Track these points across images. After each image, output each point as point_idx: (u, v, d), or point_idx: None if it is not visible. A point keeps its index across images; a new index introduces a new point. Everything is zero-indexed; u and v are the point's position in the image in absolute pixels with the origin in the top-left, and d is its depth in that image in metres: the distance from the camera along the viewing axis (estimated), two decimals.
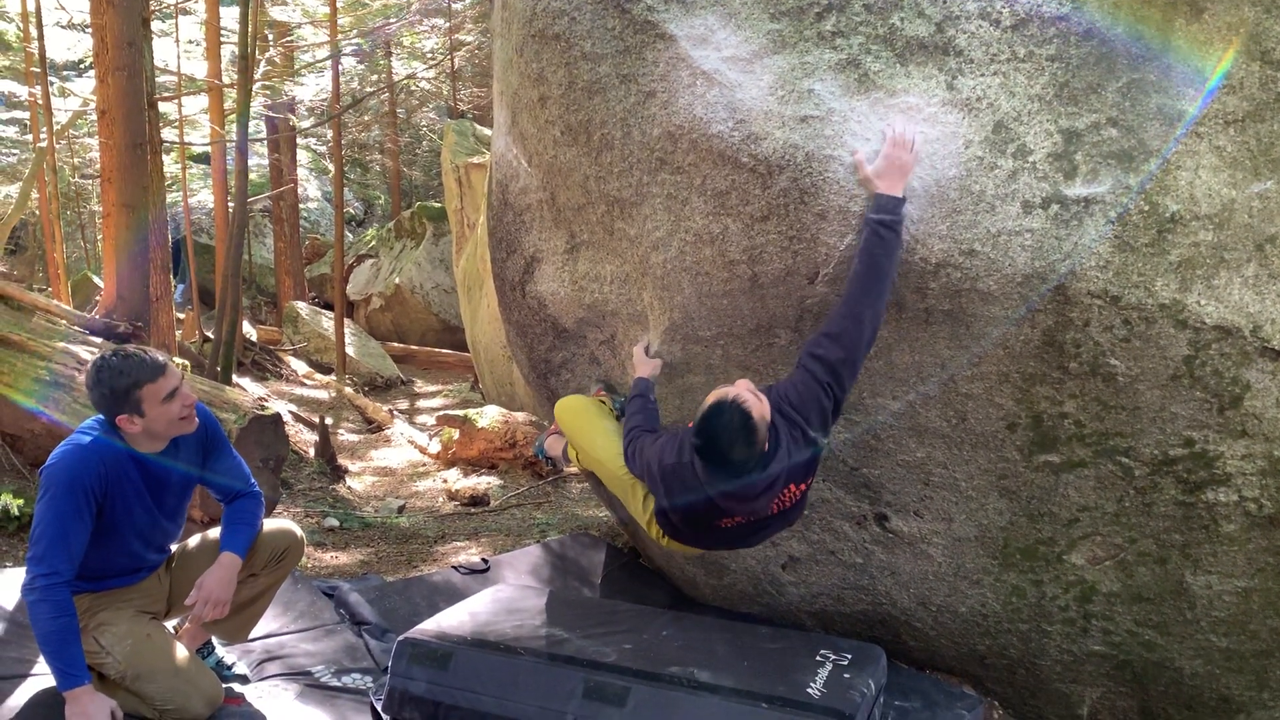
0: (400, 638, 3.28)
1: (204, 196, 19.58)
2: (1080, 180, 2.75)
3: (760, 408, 2.70)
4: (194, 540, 3.27)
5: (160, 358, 2.84)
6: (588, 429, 3.60)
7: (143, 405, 2.78)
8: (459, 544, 5.96)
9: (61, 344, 5.67)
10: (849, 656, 3.24)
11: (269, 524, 3.27)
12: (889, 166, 2.73)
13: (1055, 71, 2.73)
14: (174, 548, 3.25)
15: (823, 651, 3.26)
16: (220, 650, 3.42)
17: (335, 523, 6.31)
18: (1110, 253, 2.77)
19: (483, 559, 4.79)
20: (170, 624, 3.23)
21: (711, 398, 2.74)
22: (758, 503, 2.86)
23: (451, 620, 3.41)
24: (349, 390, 12.25)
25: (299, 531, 3.32)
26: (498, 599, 3.66)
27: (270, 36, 17.02)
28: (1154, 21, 2.70)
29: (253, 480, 3.23)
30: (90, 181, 18.60)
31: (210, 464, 3.12)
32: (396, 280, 17.04)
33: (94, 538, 2.84)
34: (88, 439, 2.83)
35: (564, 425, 3.73)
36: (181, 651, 2.97)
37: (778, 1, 2.83)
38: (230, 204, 11.60)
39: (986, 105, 2.75)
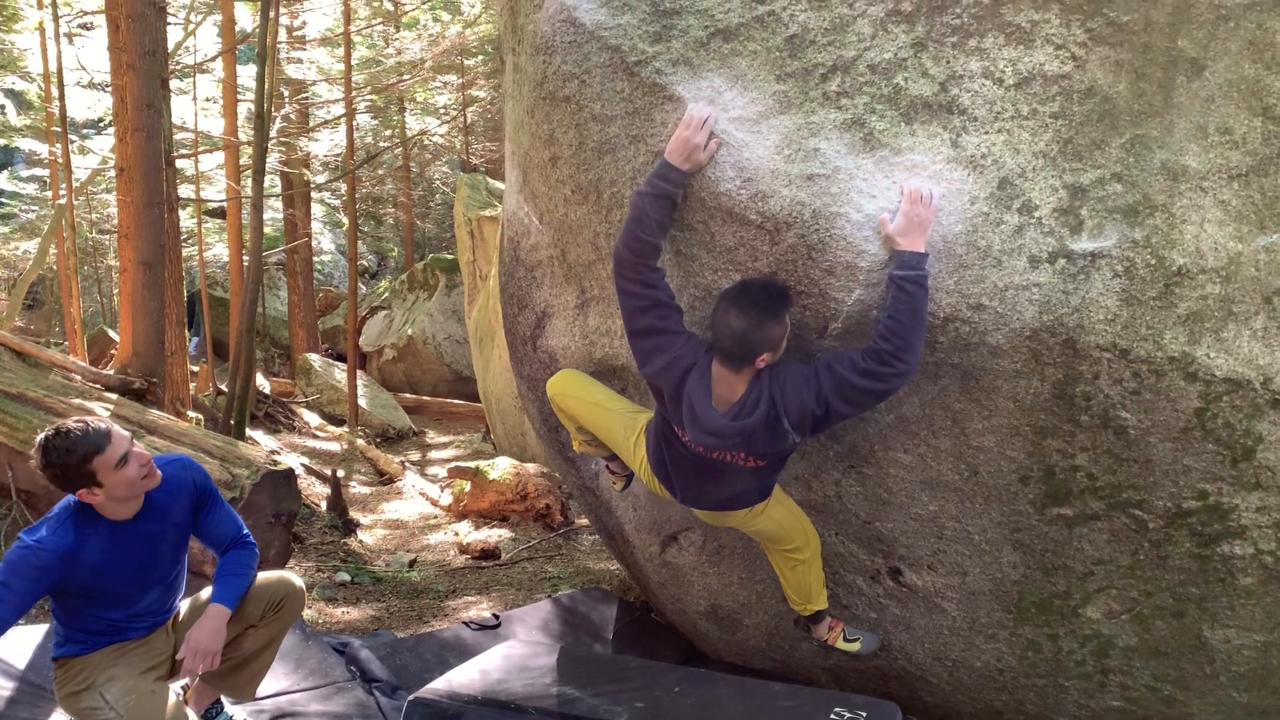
0: (410, 697, 3.25)
1: (219, 250, 19.81)
2: (1086, 235, 2.77)
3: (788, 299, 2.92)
4: (194, 599, 3.27)
5: (103, 425, 2.80)
6: (583, 393, 3.66)
7: (98, 476, 2.75)
8: (470, 599, 5.93)
9: (78, 400, 5.71)
10: (864, 714, 3.20)
11: (265, 574, 3.27)
12: (908, 223, 2.76)
13: (1059, 128, 2.77)
14: (182, 604, 3.25)
15: (837, 709, 3.22)
16: (230, 709, 3.40)
17: (346, 577, 6.29)
18: (1118, 306, 2.78)
19: (493, 614, 4.77)
20: (179, 684, 3.21)
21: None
22: (703, 421, 2.96)
23: (462, 679, 3.38)
24: (361, 442, 12.27)
25: (297, 581, 3.30)
26: (508, 656, 3.64)
27: (286, 94, 17.32)
28: (1155, 79, 2.73)
29: (245, 531, 3.22)
30: (108, 237, 18.85)
31: (201, 517, 3.12)
32: (409, 331, 17.15)
33: (89, 602, 2.90)
34: (40, 534, 2.81)
35: (562, 398, 3.70)
36: (181, 711, 2.96)
37: (783, 63, 2.89)
38: (245, 258, 11.73)
39: (991, 162, 2.79)
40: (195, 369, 14.01)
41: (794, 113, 2.88)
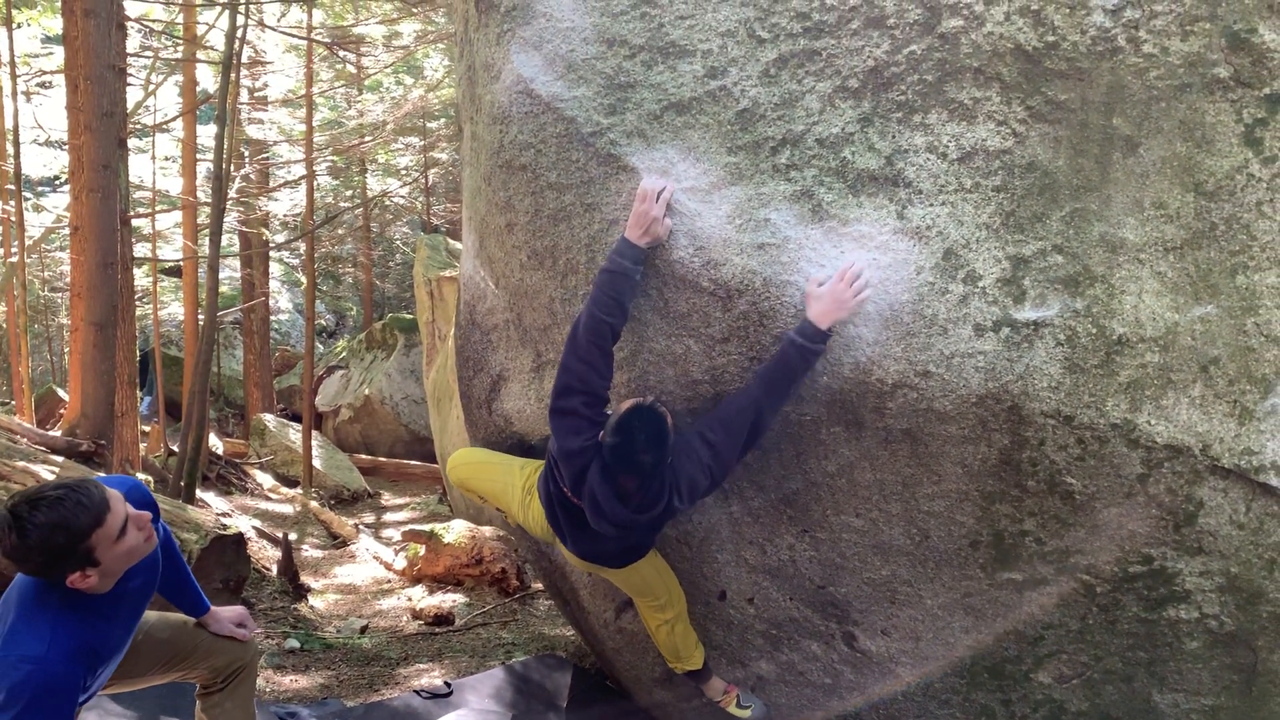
0: None
1: (174, 309, 19.60)
2: (1029, 304, 2.84)
3: (672, 420, 2.93)
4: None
5: (95, 491, 2.26)
6: (469, 459, 3.95)
7: (95, 553, 2.25)
8: (422, 666, 5.82)
9: (22, 463, 5.59)
10: None
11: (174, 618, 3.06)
12: (826, 294, 2.84)
13: (1001, 201, 2.85)
14: None
15: None
16: None
17: (296, 644, 6.15)
18: (1061, 374, 2.84)
19: (445, 682, 4.69)
20: None
21: (628, 403, 2.93)
22: (608, 514, 3.00)
23: None
24: (314, 504, 12.08)
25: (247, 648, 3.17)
26: None
27: (246, 153, 17.32)
28: (1092, 155, 2.83)
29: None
30: (60, 295, 18.60)
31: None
32: (366, 391, 17.00)
33: None
34: (41, 645, 2.20)
35: (453, 470, 3.93)
36: None
37: (734, 136, 2.96)
38: (201, 317, 11.62)
39: (936, 233, 2.86)
40: (147, 429, 13.78)
41: (745, 184, 2.95)
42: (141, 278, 16.72)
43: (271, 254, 20.50)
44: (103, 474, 6.19)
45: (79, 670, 2.26)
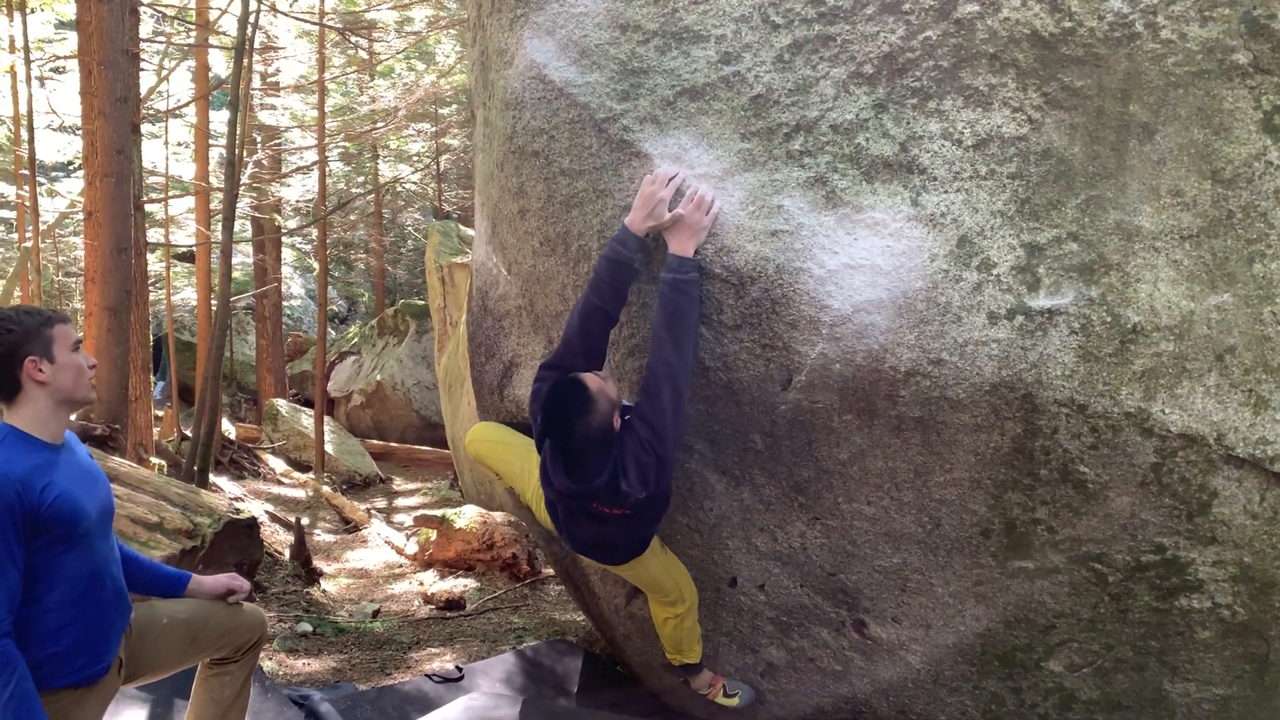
0: None
1: (187, 294, 19.68)
2: (1043, 292, 2.82)
3: (604, 386, 2.97)
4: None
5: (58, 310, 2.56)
6: (487, 435, 3.98)
7: (53, 347, 2.44)
8: (434, 650, 5.85)
9: None
10: None
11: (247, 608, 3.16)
12: (682, 226, 2.88)
13: (1016, 188, 2.83)
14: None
15: None
16: None
17: (308, 628, 6.19)
18: (1075, 362, 2.83)
19: (456, 667, 4.71)
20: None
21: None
22: (554, 479, 3.09)
23: None
24: (326, 489, 12.14)
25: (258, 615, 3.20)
26: (470, 709, 3.60)
27: (259, 139, 17.34)
28: (1109, 142, 2.81)
29: None
30: (73, 279, 18.69)
31: None
32: (378, 377, 17.05)
33: (64, 543, 2.42)
34: None
35: (472, 444, 3.97)
36: None
37: (748, 122, 2.95)
38: (214, 303, 11.67)
39: (950, 220, 2.85)
40: (160, 414, 13.86)
41: (758, 170, 2.94)
42: (154, 263, 16.79)
43: (284, 240, 20.55)
44: (117, 458, 6.22)
45: (15, 483, 2.32)
